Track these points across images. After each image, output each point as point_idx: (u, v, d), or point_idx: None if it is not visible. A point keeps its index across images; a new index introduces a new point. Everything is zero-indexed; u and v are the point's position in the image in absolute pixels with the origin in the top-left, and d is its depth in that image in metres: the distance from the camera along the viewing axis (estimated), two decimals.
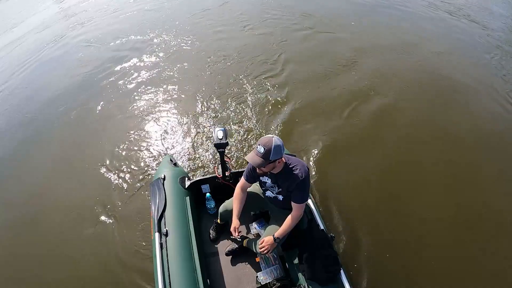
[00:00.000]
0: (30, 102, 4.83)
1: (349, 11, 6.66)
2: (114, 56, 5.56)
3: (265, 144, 1.66)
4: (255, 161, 1.70)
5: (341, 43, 5.45)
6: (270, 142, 1.67)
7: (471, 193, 3.03)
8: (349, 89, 4.33)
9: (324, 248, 1.89)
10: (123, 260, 2.58)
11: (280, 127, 3.72)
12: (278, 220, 1.97)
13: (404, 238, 2.67)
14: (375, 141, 3.55)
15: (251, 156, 1.72)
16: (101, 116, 4.21)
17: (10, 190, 3.45)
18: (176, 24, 6.40)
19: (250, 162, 1.74)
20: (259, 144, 1.69)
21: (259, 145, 1.68)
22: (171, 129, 3.82)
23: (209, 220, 2.46)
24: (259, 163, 1.69)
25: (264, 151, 1.66)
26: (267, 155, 1.66)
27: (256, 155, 1.69)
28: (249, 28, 6.03)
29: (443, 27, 6.08)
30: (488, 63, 4.99)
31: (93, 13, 7.88)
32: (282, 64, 4.90)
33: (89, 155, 3.63)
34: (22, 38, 7.43)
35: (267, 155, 1.66)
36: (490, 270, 2.46)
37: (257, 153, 1.68)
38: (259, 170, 1.79)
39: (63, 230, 2.92)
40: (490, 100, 4.19)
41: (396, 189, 3.06)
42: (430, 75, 4.67)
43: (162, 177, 2.34)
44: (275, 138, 1.70)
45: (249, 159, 1.73)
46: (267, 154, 1.66)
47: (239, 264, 2.21)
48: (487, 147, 3.49)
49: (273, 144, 1.67)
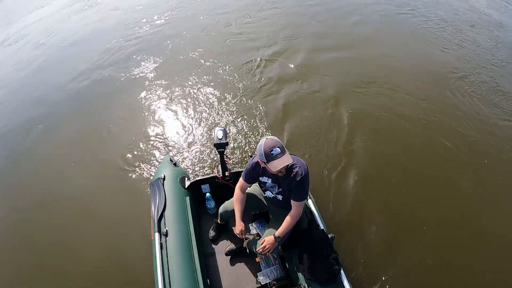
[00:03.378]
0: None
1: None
2: (115, 56, 5.56)
3: (277, 144, 1.68)
4: (287, 159, 1.68)
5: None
6: (277, 141, 1.70)
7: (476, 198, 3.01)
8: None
9: (324, 248, 1.89)
10: (123, 260, 2.57)
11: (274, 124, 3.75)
12: (278, 220, 1.97)
13: (405, 238, 2.66)
14: (377, 140, 3.55)
15: (280, 161, 1.65)
16: (101, 116, 4.20)
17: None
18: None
19: (283, 166, 1.67)
20: (272, 148, 1.65)
21: (273, 148, 1.65)
22: (171, 129, 3.82)
23: (209, 220, 2.46)
24: (290, 159, 1.69)
25: (281, 149, 1.68)
26: (284, 149, 1.70)
27: (282, 157, 1.66)
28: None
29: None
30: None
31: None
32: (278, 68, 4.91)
33: (89, 155, 3.63)
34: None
35: (285, 149, 1.70)
36: (491, 271, 2.46)
37: (281, 154, 1.66)
38: (280, 172, 1.77)
39: (63, 229, 2.92)
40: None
41: (397, 189, 3.06)
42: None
43: (162, 177, 2.34)
44: (275, 138, 1.73)
45: (281, 164, 1.66)
46: (284, 149, 1.69)
47: (239, 264, 2.21)
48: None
49: (278, 140, 1.71)
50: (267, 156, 1.67)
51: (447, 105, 4.05)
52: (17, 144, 4.02)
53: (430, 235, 2.68)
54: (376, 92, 4.26)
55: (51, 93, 4.86)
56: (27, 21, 8.23)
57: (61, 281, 2.56)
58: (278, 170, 1.68)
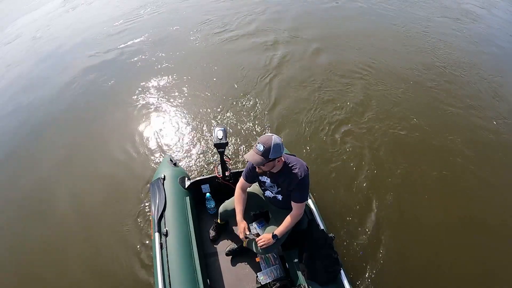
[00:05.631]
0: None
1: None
2: (116, 56, 5.56)
3: (265, 142, 1.66)
4: (255, 159, 1.69)
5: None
6: (269, 140, 1.67)
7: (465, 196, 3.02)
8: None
9: (324, 248, 1.89)
10: (123, 260, 2.57)
11: (277, 125, 3.73)
12: (278, 220, 1.97)
13: (405, 238, 2.66)
14: (380, 144, 3.53)
15: (250, 154, 1.72)
16: (102, 116, 4.20)
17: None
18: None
19: (249, 160, 1.73)
20: (258, 143, 1.68)
21: (258, 143, 1.68)
22: (171, 129, 3.82)
23: (209, 220, 2.46)
24: (258, 161, 1.68)
25: (264, 149, 1.65)
26: (267, 153, 1.66)
27: (256, 154, 1.69)
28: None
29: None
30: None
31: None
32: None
33: (89, 154, 3.63)
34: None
35: (267, 153, 1.66)
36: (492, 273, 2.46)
37: (257, 151, 1.68)
38: (258, 169, 1.78)
39: (63, 228, 2.92)
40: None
41: (398, 190, 3.05)
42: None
43: (162, 177, 2.34)
44: (274, 136, 1.70)
45: (248, 158, 1.72)
46: (267, 153, 1.66)
47: (239, 264, 2.21)
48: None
49: (273, 142, 1.66)
50: (254, 145, 1.72)
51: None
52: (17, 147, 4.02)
53: (431, 235, 2.68)
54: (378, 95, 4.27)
55: (51, 93, 4.86)
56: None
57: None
58: (251, 162, 1.76)
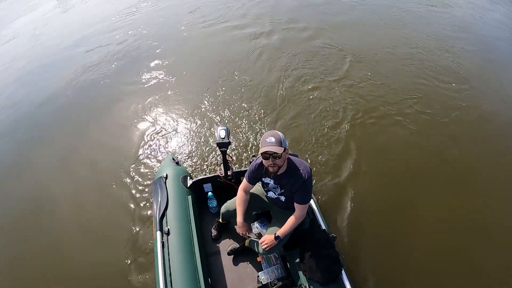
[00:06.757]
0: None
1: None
2: (117, 55, 5.58)
3: (273, 135, 1.68)
4: (275, 148, 1.65)
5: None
6: (275, 133, 1.70)
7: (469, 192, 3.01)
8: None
9: (325, 248, 1.89)
10: (124, 259, 2.58)
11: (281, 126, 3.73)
12: (280, 220, 1.98)
13: (406, 239, 2.65)
14: (382, 148, 3.51)
15: (267, 147, 1.66)
16: (101, 116, 4.21)
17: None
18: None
19: (269, 149, 1.66)
20: (267, 138, 1.68)
21: (268, 137, 1.68)
22: (174, 129, 3.83)
23: (211, 219, 2.47)
24: (278, 148, 1.65)
25: (276, 140, 1.66)
26: (280, 142, 1.67)
27: (272, 145, 1.66)
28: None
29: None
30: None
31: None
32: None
33: (89, 154, 3.64)
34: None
35: (280, 143, 1.67)
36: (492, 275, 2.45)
37: (272, 143, 1.66)
38: (272, 167, 1.73)
39: (63, 227, 2.93)
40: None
41: (398, 190, 3.05)
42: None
43: (164, 176, 2.35)
44: (276, 131, 1.73)
45: (267, 148, 1.66)
46: (279, 142, 1.67)
47: (240, 264, 2.21)
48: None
49: (279, 133, 1.70)
50: (262, 143, 1.70)
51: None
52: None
53: (431, 234, 2.67)
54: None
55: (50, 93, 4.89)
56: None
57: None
58: (269, 163, 1.70)
